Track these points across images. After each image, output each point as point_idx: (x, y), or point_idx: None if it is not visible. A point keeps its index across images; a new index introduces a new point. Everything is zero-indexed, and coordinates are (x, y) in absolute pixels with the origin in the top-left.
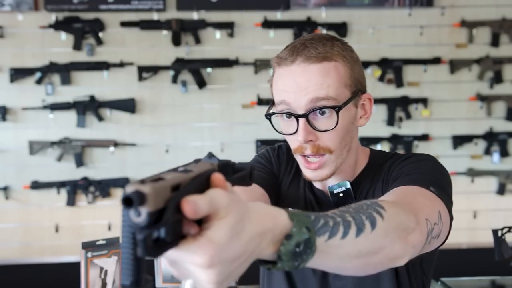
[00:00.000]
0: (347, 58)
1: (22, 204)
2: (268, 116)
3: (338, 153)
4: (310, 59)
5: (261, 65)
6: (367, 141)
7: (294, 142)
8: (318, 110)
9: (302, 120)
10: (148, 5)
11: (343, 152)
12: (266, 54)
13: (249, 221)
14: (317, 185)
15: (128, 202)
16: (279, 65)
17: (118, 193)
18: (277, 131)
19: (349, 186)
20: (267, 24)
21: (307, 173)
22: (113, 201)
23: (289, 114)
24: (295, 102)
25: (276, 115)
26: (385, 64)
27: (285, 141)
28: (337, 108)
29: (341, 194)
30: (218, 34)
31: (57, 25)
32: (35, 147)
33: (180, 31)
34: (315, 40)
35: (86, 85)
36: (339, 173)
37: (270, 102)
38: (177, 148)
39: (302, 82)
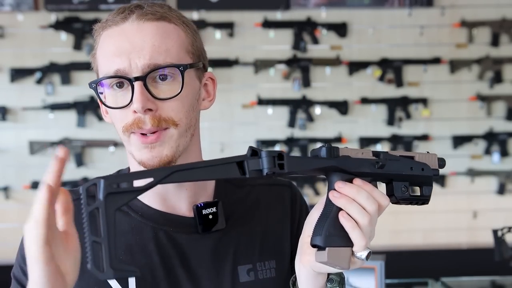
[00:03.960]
0: (188, 26)
1: (22, 204)
2: (94, 84)
3: (183, 130)
4: (146, 15)
5: (261, 65)
6: (367, 141)
7: (126, 117)
8: (159, 75)
9: (138, 84)
10: None
11: (188, 133)
12: (266, 54)
13: None
14: (158, 204)
15: None
16: (104, 28)
17: None
18: (103, 103)
19: (219, 205)
20: (267, 24)
21: (143, 154)
22: None
23: (122, 78)
24: (129, 65)
25: (103, 87)
26: (385, 64)
27: None
28: (181, 67)
29: (210, 216)
30: (218, 34)
31: (57, 25)
32: (35, 147)
33: None
34: (150, 3)
35: (86, 85)
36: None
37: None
38: None
39: (137, 42)
